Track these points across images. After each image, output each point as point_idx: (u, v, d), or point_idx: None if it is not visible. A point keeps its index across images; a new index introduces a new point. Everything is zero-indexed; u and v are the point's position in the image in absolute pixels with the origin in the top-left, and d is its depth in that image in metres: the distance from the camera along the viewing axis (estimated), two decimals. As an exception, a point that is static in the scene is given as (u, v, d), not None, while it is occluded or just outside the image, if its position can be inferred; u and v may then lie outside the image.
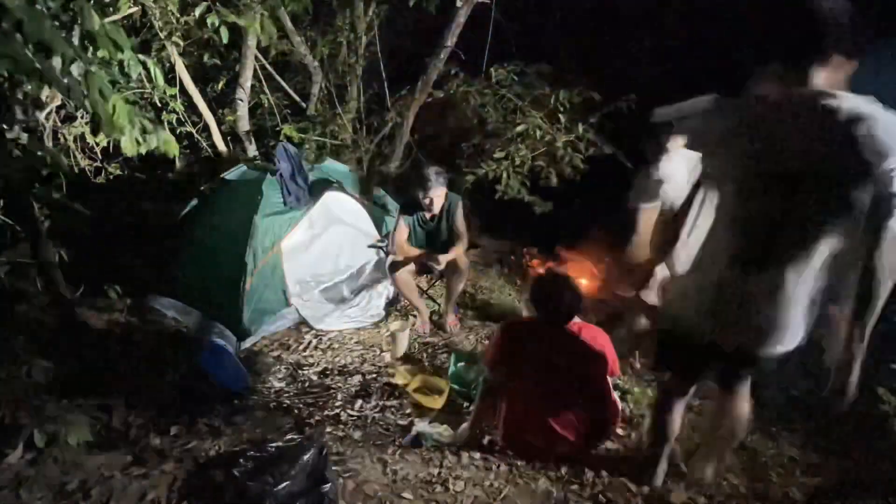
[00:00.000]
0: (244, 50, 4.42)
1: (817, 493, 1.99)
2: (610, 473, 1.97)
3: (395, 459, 2.01)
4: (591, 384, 2.02)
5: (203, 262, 3.42)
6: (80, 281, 2.62)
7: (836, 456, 2.23)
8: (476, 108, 5.05)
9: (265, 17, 3.50)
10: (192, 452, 1.79)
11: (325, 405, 2.58)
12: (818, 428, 2.41)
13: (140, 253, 4.21)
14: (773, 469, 2.12)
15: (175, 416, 2.08)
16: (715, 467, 1.92)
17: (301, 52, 4.91)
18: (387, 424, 2.42)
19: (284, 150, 3.41)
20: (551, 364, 1.97)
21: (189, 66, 4.20)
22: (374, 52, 5.26)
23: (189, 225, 3.74)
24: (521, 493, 1.86)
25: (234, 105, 4.70)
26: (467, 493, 1.84)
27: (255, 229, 3.18)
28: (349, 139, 5.14)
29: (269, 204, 3.29)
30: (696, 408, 2.44)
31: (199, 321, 3.26)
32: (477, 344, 3.25)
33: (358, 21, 5.00)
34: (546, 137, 4.70)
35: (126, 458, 1.74)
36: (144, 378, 2.40)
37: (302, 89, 5.43)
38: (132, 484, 1.62)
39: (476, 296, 4.00)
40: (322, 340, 3.34)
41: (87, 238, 1.71)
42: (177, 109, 3.77)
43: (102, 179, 3.73)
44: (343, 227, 3.72)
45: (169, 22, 3.51)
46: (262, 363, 3.00)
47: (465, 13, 4.40)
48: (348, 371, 2.96)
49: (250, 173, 3.74)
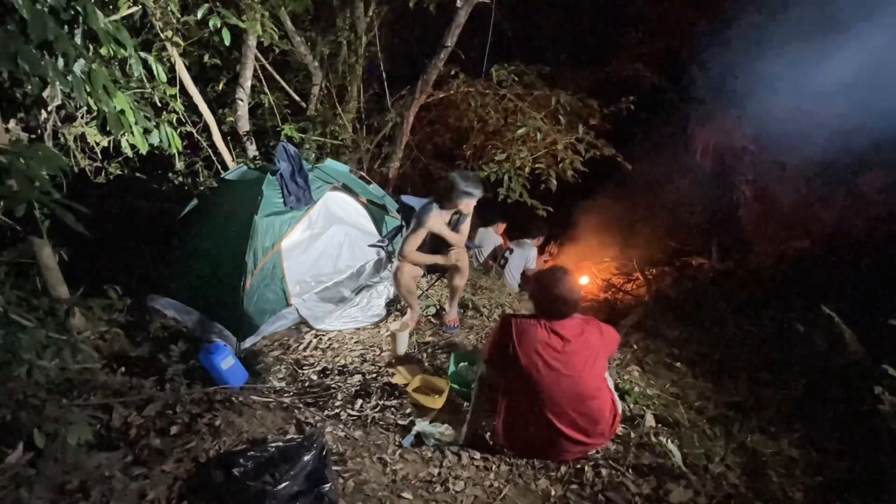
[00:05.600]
0: (244, 50, 4.43)
1: (817, 493, 2.00)
2: (610, 473, 1.97)
3: (395, 459, 2.01)
4: (590, 381, 2.00)
5: (203, 261, 3.42)
6: (80, 281, 2.62)
7: (836, 456, 2.23)
8: (476, 109, 5.07)
9: (266, 18, 3.51)
10: (192, 452, 1.79)
11: (325, 405, 2.58)
12: (818, 428, 2.41)
13: (140, 253, 4.21)
14: (774, 469, 2.12)
15: (175, 416, 2.08)
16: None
17: (301, 52, 4.92)
18: (387, 424, 2.42)
19: (284, 150, 3.41)
20: (551, 359, 1.95)
21: (189, 66, 4.21)
22: (374, 52, 5.27)
23: (189, 224, 3.74)
24: (521, 493, 1.86)
25: (235, 105, 4.70)
26: (467, 493, 1.83)
27: (255, 229, 3.17)
28: (349, 139, 5.15)
29: (269, 204, 3.29)
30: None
31: (199, 321, 3.26)
32: (477, 344, 3.25)
33: (358, 21, 5.01)
34: (547, 139, 4.71)
35: (126, 458, 1.74)
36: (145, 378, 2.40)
37: (302, 89, 5.44)
38: (132, 484, 1.62)
39: (476, 296, 4.00)
40: (322, 340, 3.34)
41: (87, 238, 1.70)
42: (177, 109, 3.77)
43: (102, 179, 3.73)
44: (343, 227, 3.71)
45: (169, 22, 3.52)
46: (262, 363, 3.00)
47: (465, 13, 4.41)
48: (348, 371, 2.96)
49: (250, 173, 3.74)
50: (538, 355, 1.95)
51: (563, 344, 1.97)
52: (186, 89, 4.16)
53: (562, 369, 1.94)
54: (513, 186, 4.81)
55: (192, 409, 2.09)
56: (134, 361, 2.80)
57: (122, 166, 3.81)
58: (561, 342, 1.97)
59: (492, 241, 5.26)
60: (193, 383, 2.52)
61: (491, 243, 5.26)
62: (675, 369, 3.48)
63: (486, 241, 5.25)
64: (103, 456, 1.73)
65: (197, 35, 3.99)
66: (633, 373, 3.07)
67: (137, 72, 2.40)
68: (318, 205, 3.51)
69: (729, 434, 2.41)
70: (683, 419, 2.42)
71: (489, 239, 5.26)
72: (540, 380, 1.94)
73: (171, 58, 3.80)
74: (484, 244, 5.22)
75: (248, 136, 4.80)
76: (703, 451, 2.16)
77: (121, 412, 1.98)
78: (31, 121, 2.89)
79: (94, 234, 1.80)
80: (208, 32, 3.17)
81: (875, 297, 3.71)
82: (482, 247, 5.20)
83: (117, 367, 2.57)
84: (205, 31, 3.40)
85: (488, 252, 5.24)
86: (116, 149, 3.37)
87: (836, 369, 3.03)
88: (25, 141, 2.61)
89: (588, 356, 1.99)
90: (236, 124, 4.74)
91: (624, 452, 2.14)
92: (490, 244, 5.26)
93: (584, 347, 1.99)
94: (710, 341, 4.04)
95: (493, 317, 3.66)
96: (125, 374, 2.47)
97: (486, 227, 5.32)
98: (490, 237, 5.27)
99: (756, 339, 3.92)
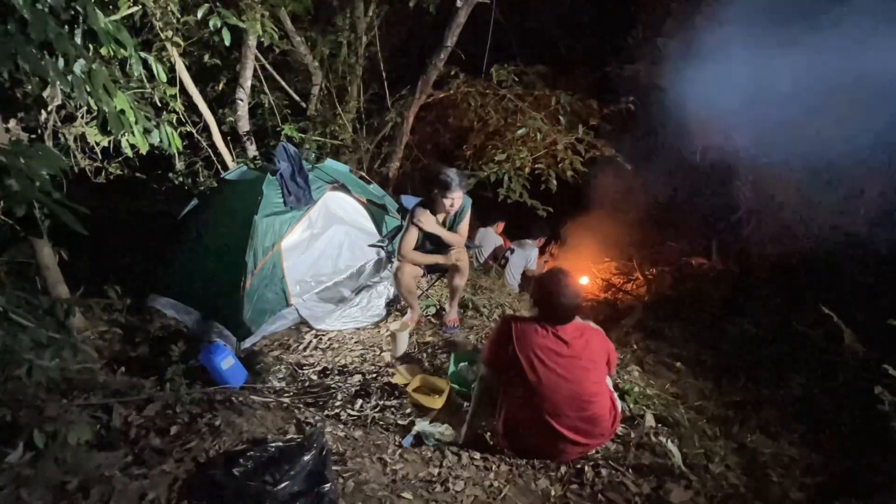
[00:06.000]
0: (244, 50, 4.43)
1: (817, 493, 2.00)
2: (610, 473, 1.97)
3: (395, 459, 2.01)
4: (590, 385, 2.00)
5: (203, 261, 3.42)
6: (80, 281, 2.62)
7: (836, 456, 2.23)
8: (476, 109, 5.07)
9: (266, 18, 3.51)
10: (192, 452, 1.79)
11: (325, 405, 2.58)
12: (818, 428, 2.41)
13: (140, 253, 4.21)
14: (773, 469, 2.12)
15: (175, 416, 2.08)
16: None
17: (301, 52, 4.92)
18: (387, 424, 2.42)
19: (284, 150, 3.41)
20: (550, 363, 1.95)
21: (189, 66, 4.21)
22: (374, 52, 5.27)
23: (189, 225, 3.73)
24: (521, 493, 1.86)
25: (235, 105, 4.70)
26: (467, 493, 1.83)
27: (255, 229, 3.17)
28: (349, 139, 5.15)
29: (269, 204, 3.29)
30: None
31: (199, 321, 3.26)
32: (477, 344, 3.25)
33: (358, 21, 5.01)
34: (547, 139, 4.71)
35: (126, 458, 1.74)
36: (145, 378, 2.40)
37: (302, 89, 5.44)
38: (132, 484, 1.62)
39: (476, 296, 4.00)
40: (322, 340, 3.34)
41: (87, 238, 1.70)
42: (177, 109, 3.77)
43: (102, 179, 3.73)
44: (343, 227, 3.71)
45: (169, 22, 3.52)
46: (262, 363, 3.00)
47: (465, 13, 4.41)
48: (348, 371, 2.96)
49: (250, 173, 3.74)
50: (538, 358, 1.95)
51: (564, 347, 1.97)
52: (186, 89, 4.16)
53: (561, 372, 1.94)
54: (513, 187, 4.82)
55: (192, 409, 2.08)
56: (134, 361, 2.80)
57: (122, 166, 3.81)
58: (561, 346, 1.97)
59: (492, 241, 5.27)
60: (193, 383, 2.51)
61: (491, 243, 5.26)
62: (675, 369, 3.49)
63: (487, 241, 5.25)
64: (103, 456, 1.72)
65: (197, 35, 3.99)
66: (633, 373, 3.07)
67: (137, 72, 2.40)
68: (318, 205, 3.51)
69: (729, 434, 2.42)
70: (683, 419, 2.42)
71: (489, 239, 5.27)
72: (539, 382, 1.94)
73: (171, 58, 3.80)
74: (484, 244, 5.23)
75: (248, 136, 4.80)
76: (703, 451, 2.16)
77: (121, 412, 1.98)
78: (31, 121, 2.90)
79: (94, 234, 1.80)
80: (208, 32, 3.17)
81: (875, 297, 3.71)
82: (482, 247, 5.20)
83: (117, 367, 2.57)
84: (205, 31, 3.41)
85: (488, 252, 5.24)
86: (116, 149, 3.38)
87: (835, 369, 3.04)
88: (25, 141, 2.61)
89: (588, 360, 1.99)
90: (236, 124, 4.74)
91: (624, 452, 2.14)
92: (490, 244, 5.26)
93: (585, 351, 1.98)
94: (711, 341, 4.04)
95: (493, 317, 3.66)
96: (125, 374, 2.47)
97: (486, 227, 5.33)
98: (490, 237, 5.27)
99: (756, 339, 3.92)
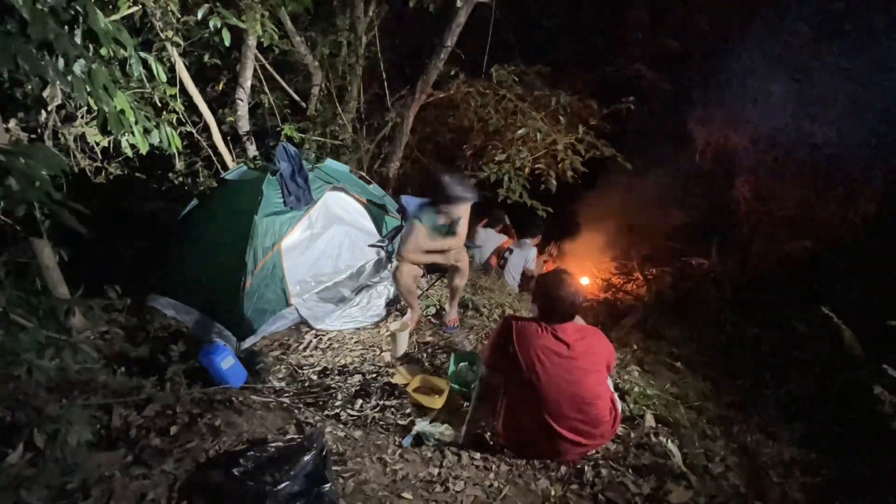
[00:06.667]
0: (244, 50, 4.43)
1: (817, 493, 2.00)
2: (610, 473, 1.97)
3: (395, 459, 2.01)
4: (590, 386, 2.00)
5: (203, 262, 3.42)
6: (80, 281, 2.62)
7: (835, 456, 2.23)
8: (476, 109, 5.07)
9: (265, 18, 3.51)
10: (192, 452, 1.79)
11: (325, 405, 2.58)
12: (818, 428, 2.41)
13: (140, 253, 4.21)
14: (774, 469, 2.12)
15: (175, 416, 2.08)
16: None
17: (301, 52, 4.92)
18: (387, 424, 2.41)
19: (284, 149, 3.41)
20: (551, 363, 1.95)
21: (189, 66, 4.21)
22: (374, 52, 5.27)
23: (189, 225, 3.73)
24: (521, 493, 1.86)
25: (235, 105, 4.70)
26: (467, 493, 1.83)
27: (255, 229, 3.17)
28: (349, 139, 5.15)
29: (269, 204, 3.29)
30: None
31: (199, 321, 3.26)
32: (477, 344, 3.25)
33: (358, 21, 5.01)
34: (547, 139, 4.71)
35: (126, 458, 1.74)
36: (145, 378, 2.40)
37: (302, 89, 5.43)
38: (132, 484, 1.62)
39: (476, 296, 4.00)
40: (322, 340, 3.34)
41: (87, 238, 1.70)
42: (177, 109, 3.77)
43: (102, 179, 3.73)
44: (343, 227, 3.71)
45: (169, 22, 3.52)
46: (262, 363, 2.99)
47: (465, 13, 4.41)
48: (348, 371, 2.96)
49: (250, 173, 3.74)
50: (538, 358, 1.95)
51: (564, 349, 1.97)
52: (186, 89, 4.16)
53: (562, 373, 1.94)
54: (513, 187, 4.81)
55: (192, 409, 2.08)
56: (134, 361, 2.80)
57: (122, 166, 3.82)
58: (562, 347, 1.97)
59: (492, 241, 5.26)
60: (193, 383, 2.52)
61: (491, 243, 5.26)
62: (675, 369, 3.48)
63: (487, 241, 5.24)
64: (103, 456, 1.73)
65: (197, 35, 3.99)
66: (633, 373, 3.07)
67: (137, 72, 2.40)
68: (318, 205, 3.51)
69: (729, 434, 2.42)
70: (683, 419, 2.42)
71: (489, 239, 5.26)
72: (539, 383, 1.94)
73: (171, 58, 3.80)
74: (484, 244, 5.22)
75: (248, 136, 4.81)
76: (703, 451, 2.16)
77: (121, 412, 1.98)
78: (31, 121, 2.90)
79: (94, 234, 1.80)
80: (208, 32, 3.18)
81: (875, 297, 3.71)
82: (482, 247, 5.20)
83: (117, 367, 2.57)
84: (205, 31, 3.41)
85: (488, 252, 5.24)
86: (116, 149, 3.38)
87: (835, 369, 3.03)
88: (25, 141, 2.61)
89: (588, 362, 1.99)
90: (236, 124, 4.74)
91: (624, 452, 2.14)
92: (490, 244, 5.26)
93: (586, 352, 1.99)
94: (711, 341, 4.04)
95: (493, 317, 3.66)
96: (125, 374, 2.47)
97: (487, 227, 5.32)
98: (490, 237, 5.27)
99: (756, 339, 3.92)
